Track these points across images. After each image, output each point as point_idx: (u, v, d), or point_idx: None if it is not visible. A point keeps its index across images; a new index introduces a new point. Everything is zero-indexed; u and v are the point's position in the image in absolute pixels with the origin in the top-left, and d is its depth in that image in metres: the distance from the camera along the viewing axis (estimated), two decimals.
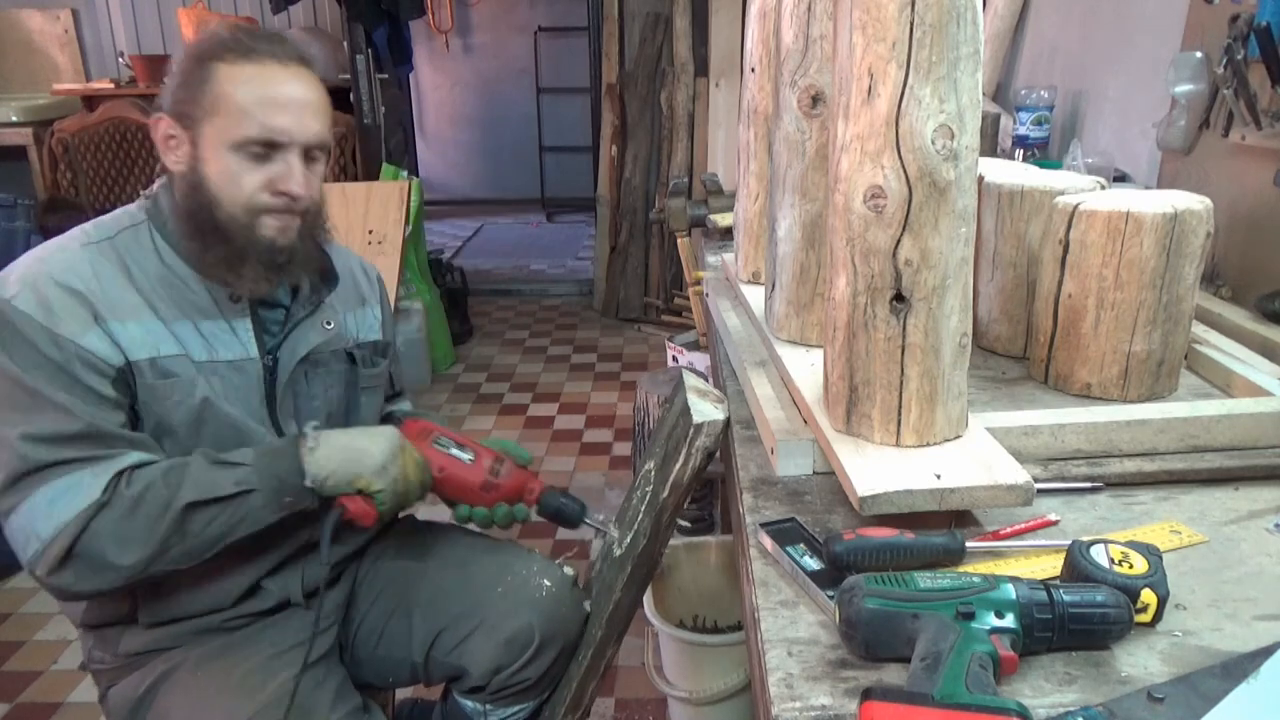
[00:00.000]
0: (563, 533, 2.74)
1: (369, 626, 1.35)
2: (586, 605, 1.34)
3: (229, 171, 1.10)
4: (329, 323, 1.27)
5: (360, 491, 1.14)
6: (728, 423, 1.12)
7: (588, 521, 1.32)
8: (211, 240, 1.13)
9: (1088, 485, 0.91)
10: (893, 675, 0.66)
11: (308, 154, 1.14)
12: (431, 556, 1.38)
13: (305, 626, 1.23)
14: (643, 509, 1.22)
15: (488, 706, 1.35)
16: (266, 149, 1.10)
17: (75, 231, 1.16)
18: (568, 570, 1.36)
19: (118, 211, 1.19)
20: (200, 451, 1.10)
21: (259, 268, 1.15)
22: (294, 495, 1.11)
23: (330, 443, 1.13)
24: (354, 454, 1.13)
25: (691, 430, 1.11)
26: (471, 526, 1.34)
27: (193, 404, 1.12)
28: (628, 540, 1.24)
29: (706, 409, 1.13)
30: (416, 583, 1.34)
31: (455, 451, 1.27)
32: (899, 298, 0.83)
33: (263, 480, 1.09)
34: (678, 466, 1.14)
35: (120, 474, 1.05)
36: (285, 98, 1.11)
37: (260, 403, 1.19)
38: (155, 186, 1.19)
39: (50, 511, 1.02)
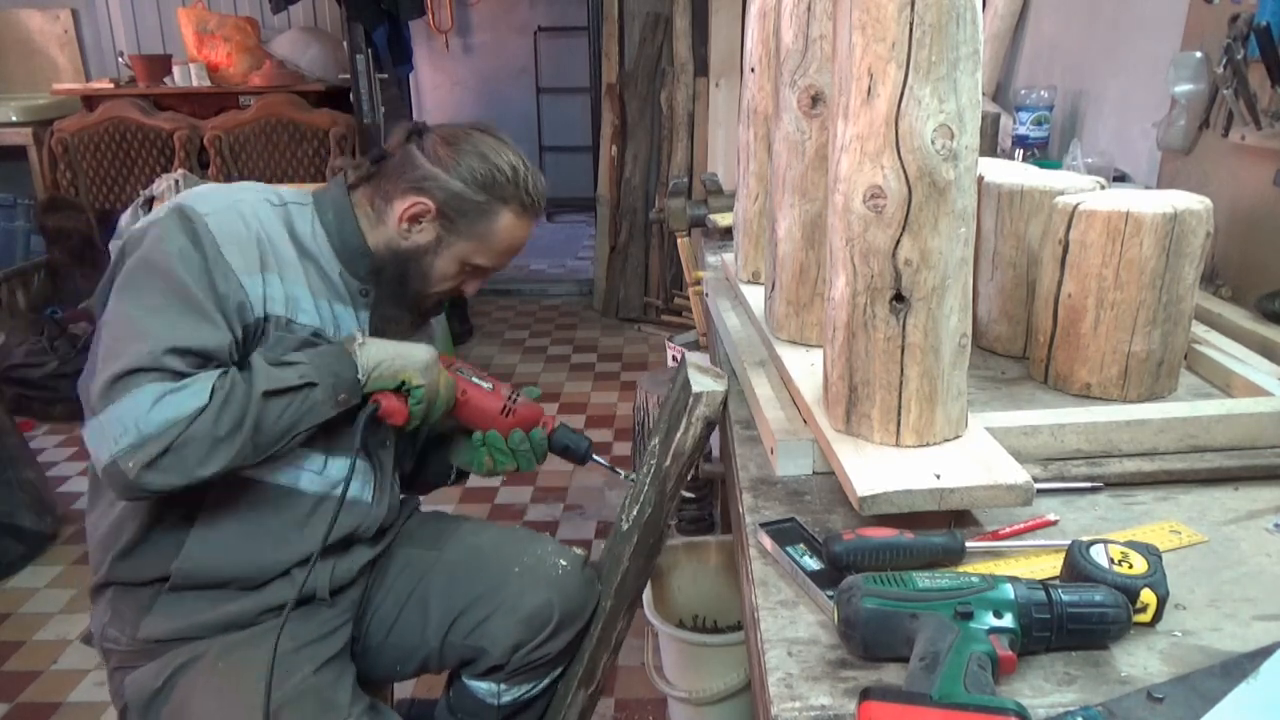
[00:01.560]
0: (564, 529, 2.74)
1: (382, 615, 1.36)
2: (600, 587, 1.37)
3: (449, 274, 1.27)
4: (430, 339, 1.36)
5: (398, 390, 1.21)
6: (727, 395, 1.18)
7: (595, 459, 1.42)
8: (399, 303, 1.28)
9: (1087, 485, 0.91)
10: (892, 675, 0.66)
11: None
12: (445, 543, 1.41)
13: (325, 622, 1.25)
14: (647, 481, 1.25)
15: (502, 686, 1.37)
16: (482, 271, 1.29)
17: (255, 186, 1.25)
18: (578, 550, 1.41)
19: (282, 187, 1.29)
20: (259, 353, 1.15)
21: (413, 328, 1.33)
22: (348, 391, 1.17)
23: (377, 342, 1.21)
24: (400, 351, 1.21)
25: (691, 400, 1.16)
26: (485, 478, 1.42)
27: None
28: (634, 513, 1.27)
29: (706, 382, 1.18)
30: (431, 569, 1.37)
31: (476, 380, 1.36)
32: (899, 298, 0.83)
33: (320, 374, 1.15)
34: (679, 435, 1.18)
35: (217, 380, 1.10)
36: (519, 247, 1.30)
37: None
38: (328, 182, 1.29)
39: (157, 408, 1.05)
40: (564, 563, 1.37)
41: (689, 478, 1.26)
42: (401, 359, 1.20)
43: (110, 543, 1.20)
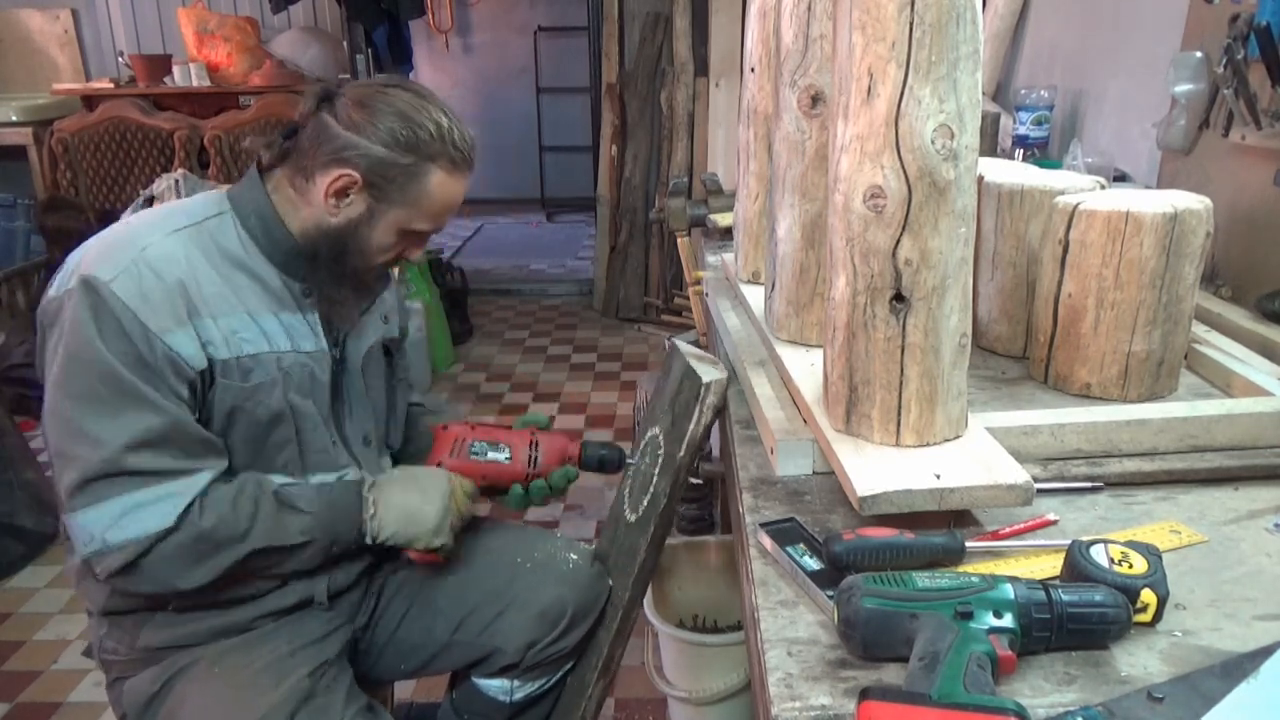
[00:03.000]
0: (565, 529, 2.74)
1: (389, 615, 1.36)
2: (609, 581, 1.38)
3: (387, 244, 1.18)
4: (386, 318, 1.32)
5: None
6: (729, 380, 1.21)
7: (630, 462, 1.36)
8: (339, 283, 1.19)
9: (1087, 485, 0.91)
10: (892, 675, 0.66)
11: None
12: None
13: (321, 624, 1.25)
14: (657, 471, 1.26)
15: (515, 683, 1.37)
16: (421, 236, 1.21)
17: (159, 214, 1.16)
18: (585, 545, 1.42)
19: (193, 198, 1.20)
20: (273, 490, 1.13)
21: (357, 302, 1.25)
22: (344, 549, 1.18)
23: (388, 503, 1.19)
24: (411, 516, 1.19)
25: (701, 389, 1.18)
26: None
27: (265, 400, 1.14)
28: (645, 503, 1.28)
29: (708, 370, 1.20)
30: (439, 569, 1.36)
31: (492, 455, 1.33)
32: (899, 298, 0.83)
33: (323, 535, 1.15)
34: (691, 425, 1.20)
35: (195, 501, 1.08)
36: (456, 205, 1.21)
37: (326, 396, 1.22)
38: (239, 182, 1.20)
39: (120, 524, 1.04)
40: (574, 557, 1.37)
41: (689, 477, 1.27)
42: (414, 526, 1.19)
43: (98, 591, 1.20)
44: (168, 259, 1.08)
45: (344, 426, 1.25)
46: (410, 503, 1.20)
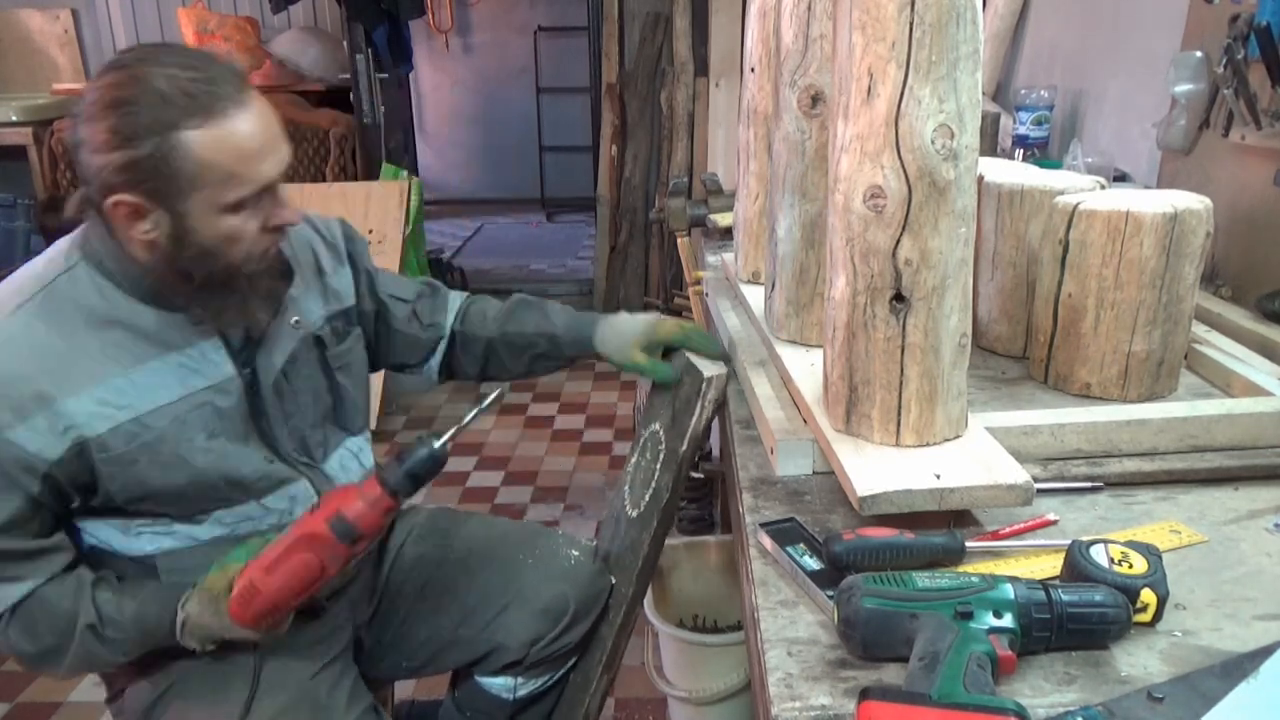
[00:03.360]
0: (564, 529, 2.74)
1: (391, 612, 1.35)
2: (612, 579, 1.37)
3: (226, 231, 1.02)
4: (295, 321, 1.20)
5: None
6: (729, 376, 1.22)
7: (436, 447, 1.11)
8: (216, 294, 1.06)
9: (1087, 485, 0.91)
10: (892, 675, 0.66)
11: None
12: (454, 539, 1.40)
13: (322, 624, 1.24)
14: (659, 466, 1.26)
15: (519, 680, 1.36)
16: (258, 198, 1.03)
17: (2, 293, 1.05)
18: (587, 541, 1.41)
19: (42, 257, 1.08)
20: (85, 624, 1.06)
21: (263, 301, 1.11)
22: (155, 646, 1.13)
23: (200, 615, 1.08)
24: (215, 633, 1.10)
25: (703, 384, 1.19)
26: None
27: (164, 460, 1.06)
28: (647, 498, 1.29)
29: (709, 365, 1.21)
30: (441, 564, 1.36)
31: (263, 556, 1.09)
32: (899, 298, 0.83)
33: (143, 650, 1.12)
34: (693, 420, 1.20)
35: (4, 614, 1.04)
36: (260, 142, 1.00)
37: (245, 420, 1.14)
38: (80, 230, 1.08)
39: None
40: (575, 553, 1.37)
41: (689, 477, 1.27)
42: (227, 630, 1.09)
43: None
44: (6, 347, 0.99)
45: (276, 443, 1.18)
46: (216, 621, 1.09)
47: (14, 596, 1.04)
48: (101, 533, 1.11)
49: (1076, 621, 0.67)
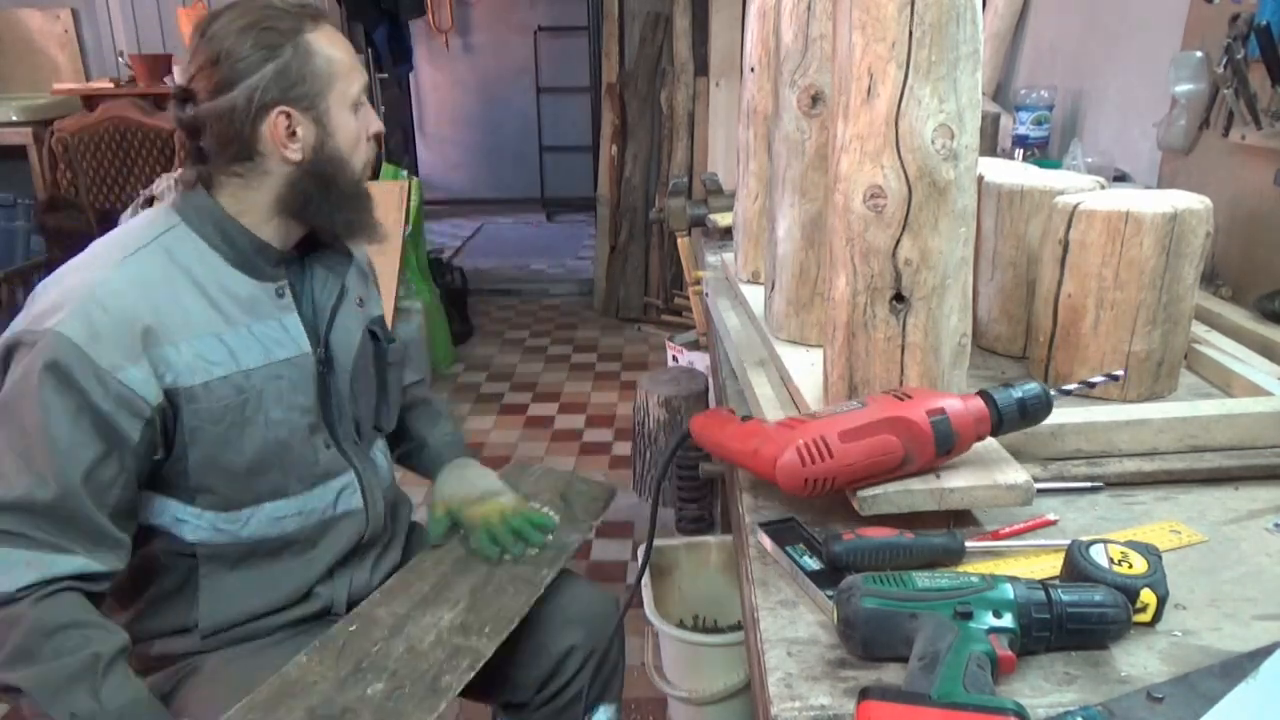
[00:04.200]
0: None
1: None
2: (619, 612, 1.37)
3: (352, 133, 1.13)
4: (359, 301, 1.27)
5: None
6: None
7: (1049, 392, 0.87)
8: (343, 208, 1.15)
9: (1087, 485, 0.91)
10: (892, 675, 0.66)
11: None
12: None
13: None
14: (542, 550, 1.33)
15: None
16: (360, 101, 1.15)
17: (108, 244, 1.10)
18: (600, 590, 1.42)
19: (140, 219, 1.13)
20: (97, 670, 0.99)
21: (373, 216, 1.19)
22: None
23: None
24: None
25: (609, 496, 1.46)
26: None
27: (242, 424, 1.10)
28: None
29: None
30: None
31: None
32: (899, 297, 0.83)
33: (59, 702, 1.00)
34: (594, 523, 1.42)
35: (49, 582, 0.99)
36: (349, 45, 1.15)
37: (314, 399, 1.17)
38: (173, 193, 1.15)
39: None
40: (591, 595, 1.37)
41: (689, 477, 1.29)
42: None
43: (114, 610, 1.18)
44: (118, 294, 1.03)
45: (336, 428, 1.22)
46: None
47: (62, 569, 1.00)
48: (162, 510, 1.12)
49: (1076, 621, 0.67)
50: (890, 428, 0.80)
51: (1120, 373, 0.96)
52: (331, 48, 1.11)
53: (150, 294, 1.05)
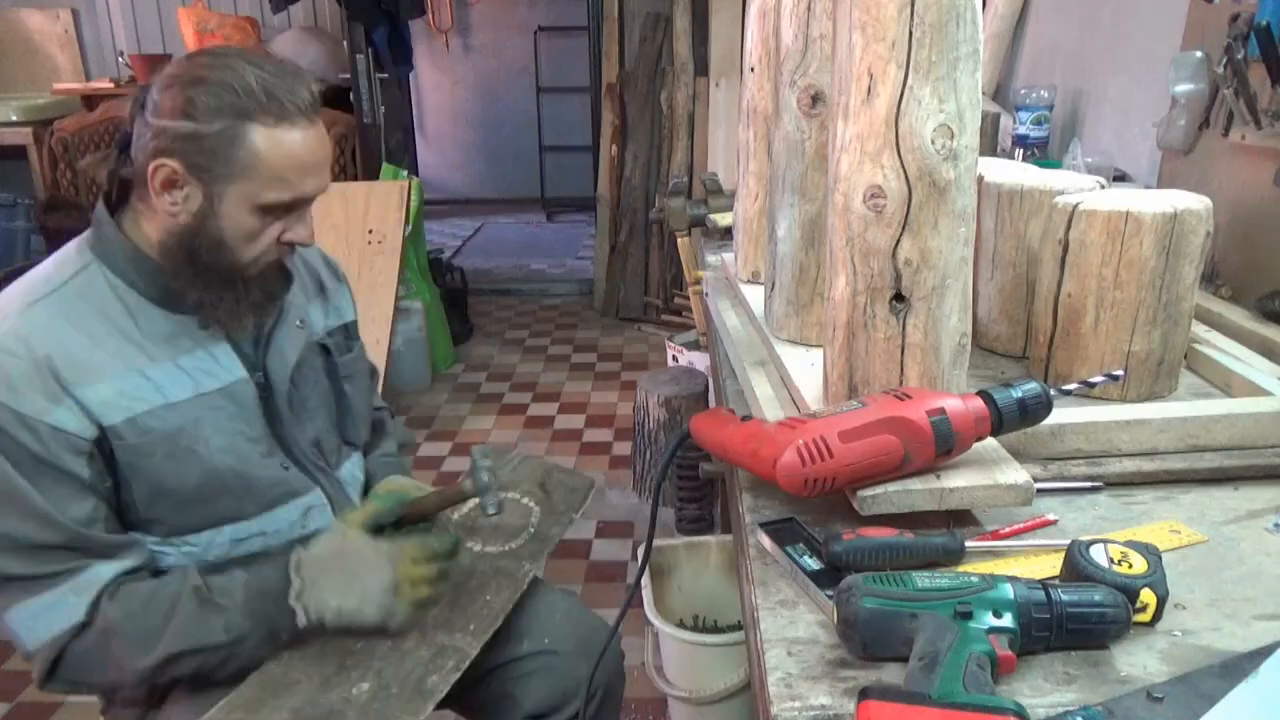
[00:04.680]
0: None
1: None
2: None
3: (247, 229, 1.06)
4: (300, 321, 1.23)
5: None
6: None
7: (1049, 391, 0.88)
8: (213, 287, 1.08)
9: (1087, 485, 0.91)
10: (892, 675, 0.66)
11: None
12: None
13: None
14: (520, 543, 1.31)
15: None
16: (289, 209, 1.08)
17: (17, 291, 1.07)
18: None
19: (53, 259, 1.11)
20: (195, 585, 1.05)
21: (258, 307, 1.14)
22: (290, 633, 1.08)
23: (318, 578, 1.08)
24: (352, 586, 1.08)
25: (589, 491, 1.40)
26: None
27: (179, 455, 1.08)
28: (514, 544, 1.32)
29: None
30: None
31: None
32: (898, 297, 0.83)
33: (255, 626, 1.06)
34: (574, 516, 1.38)
35: (104, 590, 1.02)
36: (312, 159, 1.07)
37: (261, 424, 1.16)
38: (90, 230, 1.12)
39: (33, 626, 1.01)
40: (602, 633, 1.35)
41: (689, 477, 1.28)
42: (357, 601, 1.07)
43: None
44: (24, 337, 1.01)
45: (292, 448, 1.19)
46: (345, 603, 1.08)
47: (102, 576, 1.03)
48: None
49: (1076, 621, 0.67)
50: (890, 427, 0.80)
51: (1120, 372, 0.95)
52: (272, 149, 1.02)
53: (58, 336, 1.03)
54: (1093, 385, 0.90)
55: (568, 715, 1.29)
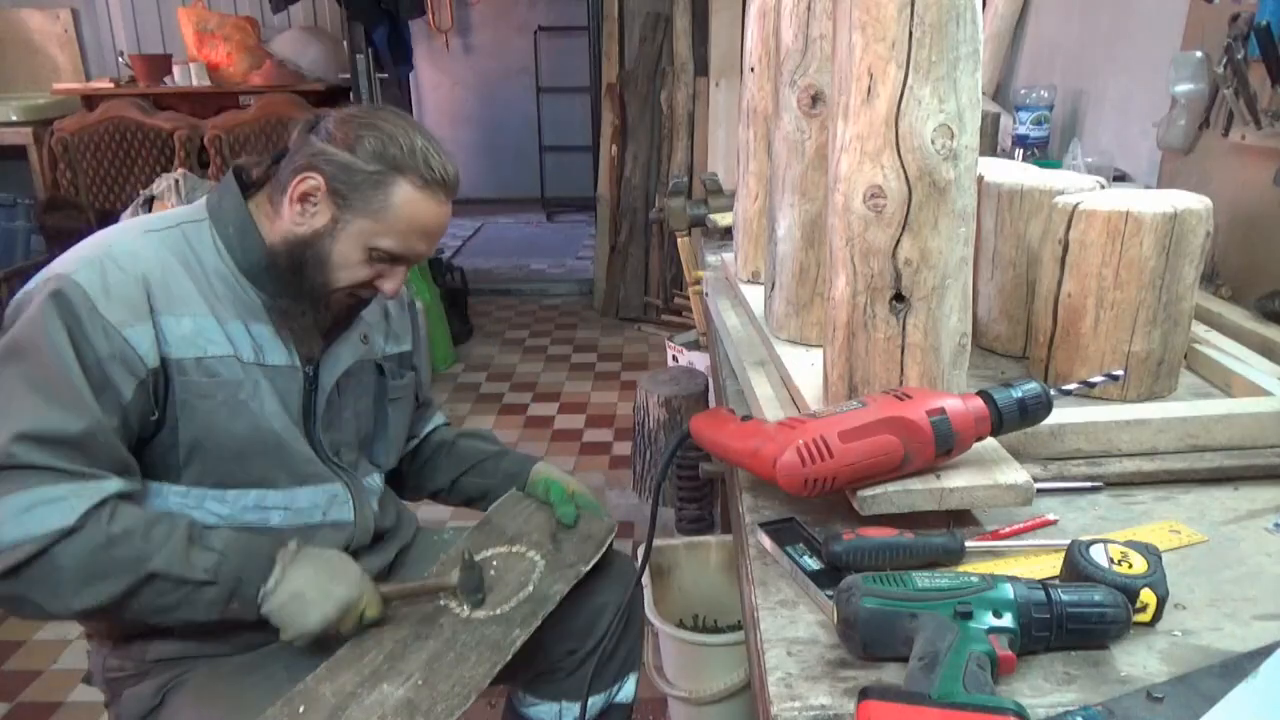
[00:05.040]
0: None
1: None
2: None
3: (351, 261, 1.15)
4: (365, 338, 1.29)
5: None
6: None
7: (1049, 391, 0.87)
8: (300, 299, 1.16)
9: (1087, 485, 0.91)
10: (892, 675, 0.66)
11: None
12: None
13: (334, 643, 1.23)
14: (520, 600, 1.24)
15: (563, 704, 1.35)
16: (394, 260, 1.17)
17: (135, 220, 1.17)
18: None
19: (177, 207, 1.21)
20: (189, 522, 1.08)
21: (327, 333, 1.22)
22: (241, 605, 1.08)
23: (290, 579, 1.09)
24: (298, 604, 1.08)
25: (607, 534, 1.35)
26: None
27: (234, 405, 1.12)
28: (508, 607, 1.24)
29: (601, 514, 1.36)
30: None
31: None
32: (898, 297, 0.83)
33: (225, 581, 1.07)
34: (584, 567, 1.30)
35: (104, 503, 1.02)
36: (435, 228, 1.18)
37: (299, 411, 1.20)
38: (218, 189, 1.19)
39: (20, 519, 0.98)
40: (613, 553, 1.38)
41: (689, 477, 1.27)
42: (292, 616, 1.08)
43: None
44: (134, 255, 1.09)
45: (317, 446, 1.23)
46: (308, 591, 1.09)
47: (107, 489, 1.03)
48: (154, 497, 1.13)
49: (1076, 621, 0.67)
50: (890, 427, 0.79)
51: (1120, 372, 0.95)
52: (406, 205, 1.13)
53: (163, 265, 1.10)
54: (1093, 385, 0.90)
55: (595, 640, 1.32)
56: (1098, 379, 0.90)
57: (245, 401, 1.13)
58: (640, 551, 1.89)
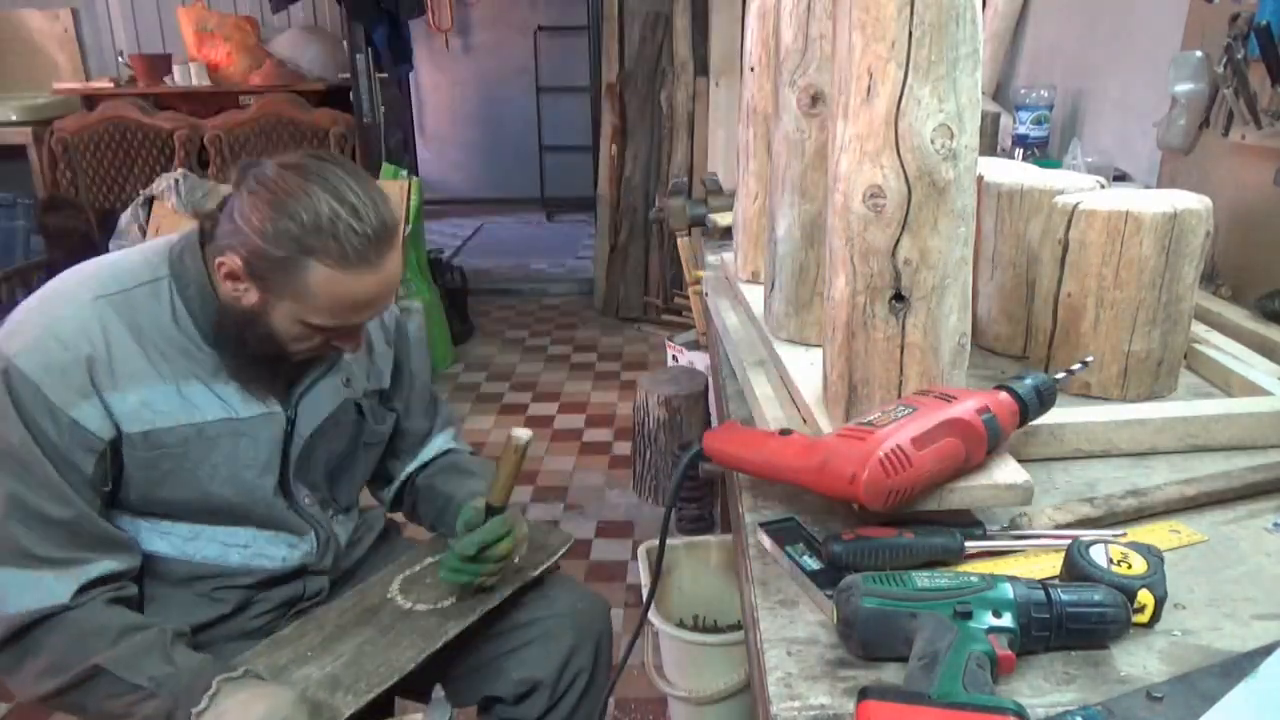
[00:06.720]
0: (565, 529, 2.74)
1: None
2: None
3: (294, 334, 1.10)
4: (347, 381, 1.26)
5: None
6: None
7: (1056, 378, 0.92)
8: (257, 362, 1.13)
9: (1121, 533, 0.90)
10: (892, 675, 0.66)
11: None
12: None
13: None
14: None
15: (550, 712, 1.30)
16: (337, 330, 1.12)
17: (89, 274, 1.12)
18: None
19: (137, 258, 1.14)
20: (160, 629, 1.07)
21: (293, 380, 1.19)
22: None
23: (220, 704, 1.02)
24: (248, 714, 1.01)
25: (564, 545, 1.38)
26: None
27: (181, 475, 1.11)
28: (447, 603, 1.25)
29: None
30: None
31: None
32: (898, 297, 0.83)
33: (167, 696, 1.04)
34: (533, 572, 1.31)
35: (88, 586, 1.05)
36: (370, 299, 1.09)
37: (276, 458, 1.18)
38: (179, 241, 1.14)
39: (17, 594, 1.03)
40: (582, 603, 1.36)
41: (689, 477, 1.26)
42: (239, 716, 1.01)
43: None
44: (79, 331, 1.06)
45: (293, 492, 1.22)
46: (231, 712, 1.02)
47: (93, 574, 1.05)
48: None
49: (1075, 621, 0.67)
50: (951, 430, 0.78)
51: (1090, 358, 0.97)
52: (324, 287, 1.04)
53: (109, 339, 1.07)
54: (1072, 373, 0.92)
55: (554, 691, 1.28)
56: (1075, 367, 0.93)
57: (193, 472, 1.12)
58: (640, 552, 1.88)
